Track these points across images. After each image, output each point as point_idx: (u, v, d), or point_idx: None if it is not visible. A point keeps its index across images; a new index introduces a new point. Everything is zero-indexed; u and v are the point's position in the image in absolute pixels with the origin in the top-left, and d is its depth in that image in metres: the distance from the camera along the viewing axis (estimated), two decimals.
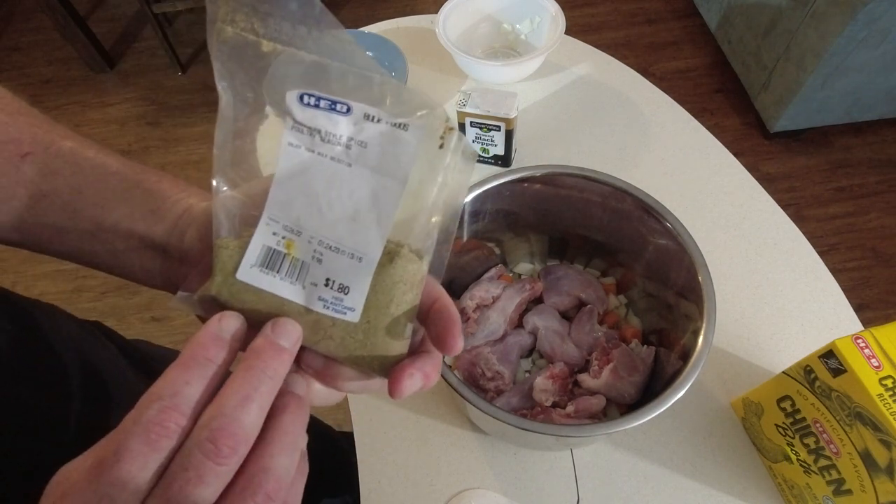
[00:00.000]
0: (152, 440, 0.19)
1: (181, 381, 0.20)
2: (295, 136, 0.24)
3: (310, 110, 0.24)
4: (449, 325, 0.25)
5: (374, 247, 0.23)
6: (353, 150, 0.23)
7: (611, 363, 0.55)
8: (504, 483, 0.56)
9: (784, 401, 0.50)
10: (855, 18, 1.31)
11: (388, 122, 0.23)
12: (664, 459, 0.56)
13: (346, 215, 0.23)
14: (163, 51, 1.99)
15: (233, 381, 0.21)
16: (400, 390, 0.24)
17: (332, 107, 0.23)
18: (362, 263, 0.23)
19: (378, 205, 0.23)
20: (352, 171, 0.23)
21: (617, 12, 2.11)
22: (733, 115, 1.81)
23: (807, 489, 0.50)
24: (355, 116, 0.23)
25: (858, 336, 0.42)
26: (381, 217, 0.23)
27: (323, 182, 0.23)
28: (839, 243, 1.57)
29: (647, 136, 0.79)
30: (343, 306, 0.23)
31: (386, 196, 0.23)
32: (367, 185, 0.23)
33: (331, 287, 0.23)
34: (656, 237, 0.54)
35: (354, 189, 0.23)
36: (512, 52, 0.89)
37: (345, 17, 2.16)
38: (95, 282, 1.64)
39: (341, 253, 0.23)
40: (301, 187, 0.23)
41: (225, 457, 0.19)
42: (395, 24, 0.94)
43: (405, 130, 0.23)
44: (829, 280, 0.66)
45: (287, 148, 0.24)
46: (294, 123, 0.24)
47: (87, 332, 0.50)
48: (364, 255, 0.23)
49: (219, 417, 0.19)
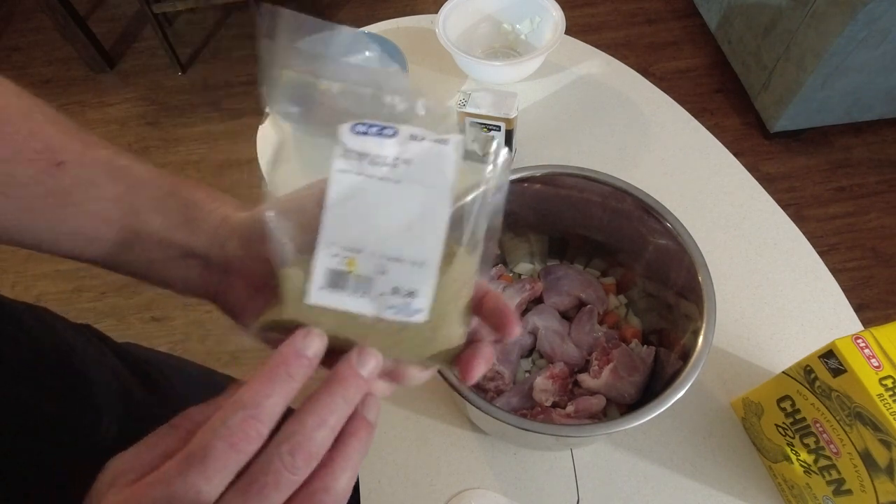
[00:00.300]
0: (235, 444, 0.21)
1: (263, 393, 0.22)
2: (345, 162, 0.26)
3: (360, 138, 0.26)
4: (507, 314, 0.27)
5: (433, 251, 0.25)
6: (399, 168, 0.25)
7: (611, 363, 0.55)
8: (504, 483, 0.56)
9: (784, 401, 0.50)
10: (855, 18, 1.31)
11: (430, 139, 0.26)
12: (664, 459, 0.56)
13: (402, 227, 0.25)
14: (163, 51, 1.99)
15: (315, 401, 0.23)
16: (473, 376, 0.27)
17: (381, 132, 0.26)
18: (424, 268, 0.25)
19: (430, 214, 0.25)
20: (400, 188, 0.25)
21: (617, 12, 2.11)
22: (733, 115, 1.81)
23: (807, 489, 0.50)
24: (401, 137, 0.26)
25: (858, 336, 0.42)
26: (435, 224, 0.25)
27: (375, 201, 0.25)
28: (839, 243, 1.57)
29: (647, 136, 0.79)
30: (411, 309, 0.25)
31: (436, 205, 0.25)
32: (417, 197, 0.25)
33: (398, 294, 0.25)
34: (656, 237, 0.54)
35: (406, 203, 0.25)
36: (512, 52, 0.89)
37: (345, 17, 2.16)
38: (95, 282, 1.64)
39: (403, 262, 0.25)
40: (354, 208, 0.25)
41: (299, 469, 0.21)
42: (395, 24, 0.93)
43: (446, 145, 0.25)
44: (829, 280, 0.66)
45: (337, 174, 0.26)
46: (344, 151, 0.26)
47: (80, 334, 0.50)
48: (425, 260, 0.25)
49: (299, 433, 0.22)
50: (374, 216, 0.25)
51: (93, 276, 1.65)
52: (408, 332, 0.25)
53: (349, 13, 2.17)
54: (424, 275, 0.25)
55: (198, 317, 1.57)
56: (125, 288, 1.63)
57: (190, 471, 0.20)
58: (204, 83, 2.02)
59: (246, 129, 1.85)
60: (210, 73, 2.05)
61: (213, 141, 1.86)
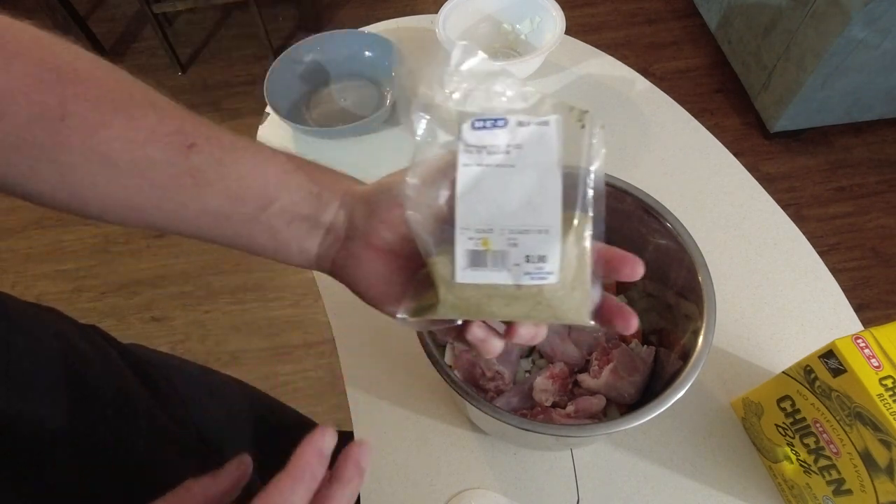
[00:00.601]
0: None
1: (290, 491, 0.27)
2: (467, 156, 0.29)
3: (477, 132, 0.30)
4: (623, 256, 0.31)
5: (554, 219, 0.29)
6: (511, 153, 0.29)
7: (611, 363, 0.55)
8: (504, 483, 0.56)
9: (784, 401, 0.50)
10: (855, 19, 1.31)
11: (534, 123, 0.29)
12: (664, 459, 0.56)
13: (524, 203, 0.29)
14: (163, 51, 1.99)
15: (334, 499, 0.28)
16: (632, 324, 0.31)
17: (495, 124, 0.30)
18: (550, 234, 0.29)
19: (546, 188, 0.29)
20: (516, 170, 0.29)
21: (617, 12, 2.11)
22: (733, 115, 1.81)
23: (807, 489, 0.50)
24: (510, 126, 0.29)
25: (858, 336, 0.42)
26: (551, 195, 0.29)
27: (496, 185, 0.29)
28: (839, 243, 1.57)
29: (647, 136, 0.79)
30: (544, 272, 0.29)
31: (549, 179, 0.29)
32: (532, 176, 0.29)
33: (531, 261, 0.29)
34: (656, 237, 0.54)
35: (523, 182, 0.29)
36: (512, 52, 0.89)
37: (345, 17, 2.16)
38: (96, 282, 1.65)
39: (530, 232, 0.29)
40: (480, 195, 0.29)
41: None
42: (395, 24, 0.94)
43: (548, 126, 0.29)
44: (829, 280, 0.66)
45: (462, 168, 0.29)
46: (465, 146, 0.30)
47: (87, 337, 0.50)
48: (549, 227, 0.29)
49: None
50: (498, 198, 0.29)
51: (93, 276, 1.65)
52: (544, 295, 0.29)
53: (349, 13, 2.17)
54: (550, 240, 0.28)
55: (198, 317, 1.57)
56: (125, 288, 1.63)
57: None
58: (204, 83, 2.02)
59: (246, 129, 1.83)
60: (210, 73, 2.05)
61: None
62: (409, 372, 0.62)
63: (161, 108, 0.32)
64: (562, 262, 0.29)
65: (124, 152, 0.30)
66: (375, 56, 0.86)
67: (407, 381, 0.61)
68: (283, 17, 2.18)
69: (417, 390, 0.61)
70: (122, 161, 0.30)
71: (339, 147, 0.81)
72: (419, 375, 0.62)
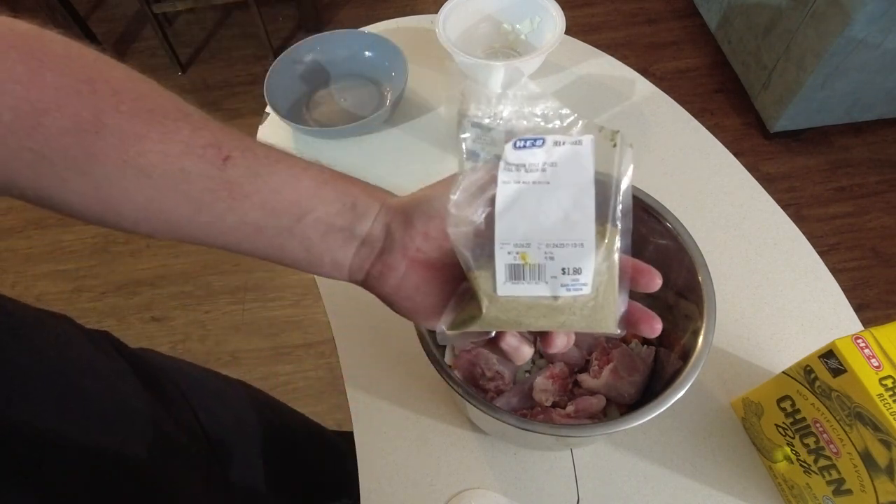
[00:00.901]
0: None
1: None
2: (507, 174, 0.31)
3: (518, 151, 0.31)
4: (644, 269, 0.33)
5: (588, 233, 0.30)
6: (547, 171, 0.31)
7: (611, 363, 0.55)
8: (504, 483, 0.56)
9: (784, 401, 0.50)
10: (855, 18, 1.31)
11: (569, 142, 0.31)
12: (664, 459, 0.56)
13: (560, 219, 0.30)
14: (163, 51, 1.99)
15: None
16: (656, 327, 0.34)
17: (534, 143, 0.31)
18: (584, 248, 0.30)
19: (580, 203, 0.30)
20: (552, 187, 0.30)
21: (617, 12, 2.11)
22: (733, 115, 1.81)
23: (807, 489, 0.50)
24: (547, 145, 0.31)
25: (858, 336, 0.42)
26: (585, 210, 0.30)
27: (534, 202, 0.30)
28: (839, 243, 1.57)
29: (647, 136, 0.79)
30: (579, 283, 0.30)
31: (583, 195, 0.30)
32: (567, 192, 0.30)
33: (567, 273, 0.30)
34: (656, 237, 0.54)
35: (559, 198, 0.30)
36: (512, 52, 0.89)
37: (345, 17, 2.16)
38: (96, 282, 1.65)
39: (565, 246, 0.30)
40: (518, 212, 0.30)
41: None
42: (395, 24, 0.94)
43: (581, 145, 0.31)
44: (829, 280, 0.66)
45: (502, 186, 0.31)
46: (506, 165, 0.31)
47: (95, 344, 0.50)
48: (584, 241, 0.30)
49: None
50: (535, 213, 0.30)
51: (93, 276, 1.65)
52: (578, 306, 0.31)
53: (349, 13, 2.17)
54: (585, 253, 0.30)
55: (198, 317, 1.57)
56: (125, 288, 1.63)
57: None
58: (204, 83, 2.02)
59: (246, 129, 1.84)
60: (210, 73, 2.05)
61: None
62: (409, 372, 0.62)
63: (195, 120, 0.32)
64: (594, 274, 0.30)
65: (160, 165, 0.29)
66: (375, 56, 0.86)
67: (407, 381, 0.61)
68: (283, 17, 2.17)
69: (417, 390, 0.61)
70: (157, 174, 0.29)
71: (339, 147, 0.81)
72: (419, 375, 0.62)
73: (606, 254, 0.31)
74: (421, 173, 0.77)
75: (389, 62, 0.85)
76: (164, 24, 2.09)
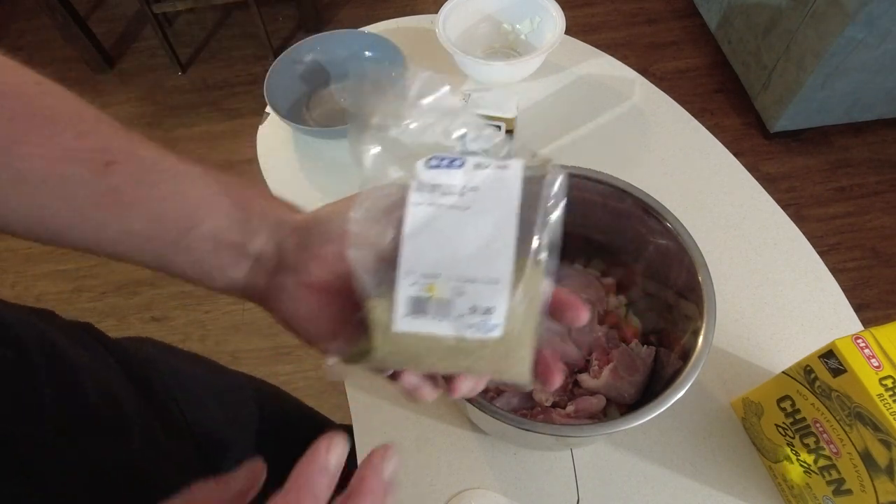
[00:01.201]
0: None
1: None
2: (419, 195, 0.28)
3: (433, 171, 0.28)
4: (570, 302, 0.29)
5: (505, 269, 0.26)
6: (467, 195, 0.27)
7: (611, 363, 0.55)
8: (504, 483, 0.56)
9: (784, 401, 0.50)
10: (854, 18, 1.31)
11: (493, 166, 0.28)
12: (664, 459, 0.56)
13: (476, 249, 0.27)
14: (163, 51, 1.99)
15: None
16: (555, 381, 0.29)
17: (451, 164, 0.28)
18: (499, 285, 0.26)
19: (500, 234, 0.27)
20: (470, 213, 0.27)
21: (617, 12, 2.11)
22: (733, 115, 1.81)
23: (807, 489, 0.50)
24: (468, 167, 0.28)
25: (858, 336, 0.42)
26: (505, 243, 0.27)
27: (448, 228, 0.27)
28: (839, 243, 1.57)
29: (647, 136, 0.79)
30: (489, 325, 0.27)
31: (504, 225, 0.27)
32: (487, 221, 0.27)
33: (476, 313, 0.27)
34: (656, 237, 0.54)
35: (476, 226, 0.27)
36: (512, 52, 0.89)
37: (345, 17, 2.16)
38: (95, 282, 1.65)
39: (478, 282, 0.26)
40: (429, 237, 0.27)
41: None
42: (395, 24, 0.94)
43: (507, 170, 0.27)
44: (829, 280, 0.66)
45: (412, 207, 0.27)
46: (418, 184, 0.28)
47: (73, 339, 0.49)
48: (499, 278, 0.26)
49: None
50: (448, 242, 0.27)
51: (93, 276, 1.65)
52: (486, 350, 0.27)
53: (349, 13, 2.17)
54: (499, 291, 0.26)
55: (198, 317, 1.57)
56: (125, 288, 1.63)
57: None
58: (204, 83, 2.02)
59: (246, 129, 1.85)
60: (210, 73, 2.05)
61: (213, 141, 1.86)
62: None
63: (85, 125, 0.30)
64: (508, 315, 0.27)
65: (38, 170, 0.28)
66: (375, 56, 0.86)
67: None
68: (283, 17, 2.17)
69: None
70: (35, 179, 0.28)
71: (339, 147, 0.81)
72: None
73: (524, 294, 0.27)
74: None
75: (389, 62, 0.85)
76: (164, 24, 2.09)
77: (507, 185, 0.27)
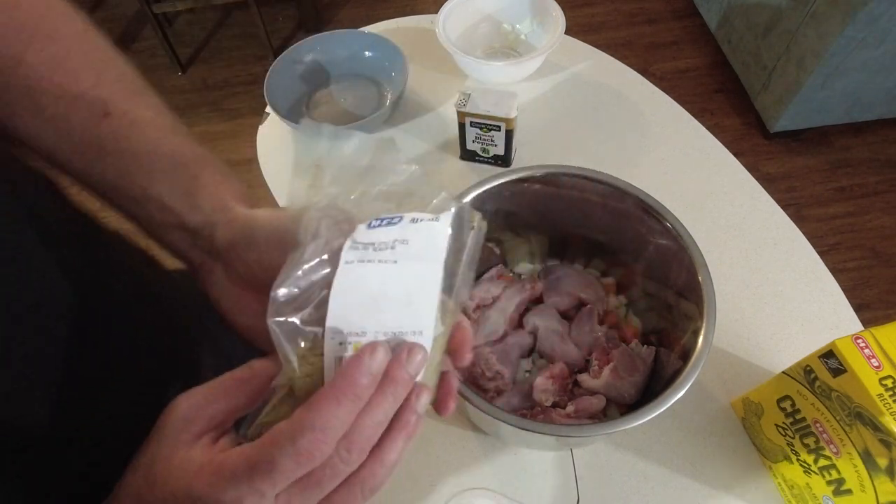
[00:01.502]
0: (302, 462, 0.23)
1: (332, 415, 0.24)
2: (352, 254, 0.27)
3: (371, 231, 0.28)
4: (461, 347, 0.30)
5: (428, 320, 0.27)
6: (397, 248, 0.27)
7: (611, 363, 0.55)
8: (504, 483, 0.56)
9: (784, 401, 0.50)
10: (855, 19, 1.31)
11: (426, 220, 0.28)
12: (664, 459, 0.56)
13: (402, 303, 0.27)
14: (163, 51, 1.99)
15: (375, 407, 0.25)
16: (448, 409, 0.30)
17: (390, 222, 0.28)
18: (423, 336, 0.27)
19: (426, 285, 0.27)
20: (399, 266, 0.27)
21: (617, 12, 2.11)
22: (733, 115, 1.81)
23: (807, 489, 0.50)
24: (404, 223, 0.28)
25: (858, 336, 0.42)
26: (430, 293, 0.27)
27: (376, 284, 0.27)
28: (839, 243, 1.57)
29: (647, 136, 0.79)
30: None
31: (431, 275, 0.27)
32: (414, 272, 0.27)
33: None
34: (656, 237, 0.54)
35: (404, 279, 0.27)
36: (512, 52, 0.89)
37: (345, 17, 2.16)
38: None
39: (405, 334, 0.27)
40: (356, 296, 0.27)
41: (353, 461, 0.25)
42: (395, 24, 0.94)
43: (437, 221, 0.28)
44: (829, 280, 0.66)
45: (344, 266, 0.27)
46: (352, 243, 0.27)
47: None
48: (423, 329, 0.27)
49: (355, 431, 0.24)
50: (376, 299, 0.27)
51: None
52: None
53: (349, 13, 2.17)
54: (423, 340, 0.27)
55: None
56: None
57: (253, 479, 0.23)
58: (204, 83, 2.02)
59: (246, 129, 1.85)
60: (210, 73, 2.05)
61: (212, 141, 1.86)
62: None
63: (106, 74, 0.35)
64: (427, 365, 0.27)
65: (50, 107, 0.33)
66: (375, 56, 0.86)
67: None
68: (283, 17, 2.17)
69: None
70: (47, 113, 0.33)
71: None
72: None
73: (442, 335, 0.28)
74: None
75: (389, 62, 0.85)
76: (164, 24, 2.09)
77: (435, 236, 0.28)
